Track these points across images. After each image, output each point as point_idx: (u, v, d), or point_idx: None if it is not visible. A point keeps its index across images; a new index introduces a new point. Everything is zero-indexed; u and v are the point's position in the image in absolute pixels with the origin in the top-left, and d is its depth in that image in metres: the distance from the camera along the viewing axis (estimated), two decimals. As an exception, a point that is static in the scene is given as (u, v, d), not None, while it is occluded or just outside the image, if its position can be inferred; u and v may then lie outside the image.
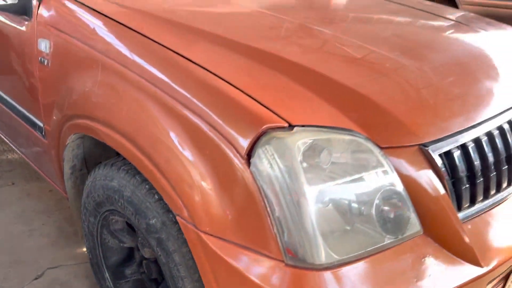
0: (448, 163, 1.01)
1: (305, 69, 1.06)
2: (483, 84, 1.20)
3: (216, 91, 0.96)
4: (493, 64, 1.30)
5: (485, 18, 1.78)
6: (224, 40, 1.16)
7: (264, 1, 1.55)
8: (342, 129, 0.92)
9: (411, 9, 1.68)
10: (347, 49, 1.20)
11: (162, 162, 1.00)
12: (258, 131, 0.87)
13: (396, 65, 1.14)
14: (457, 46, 1.35)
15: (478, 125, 1.08)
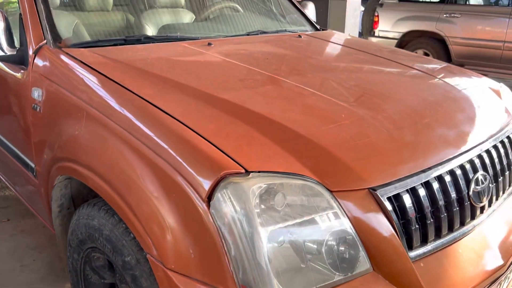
0: (397, 205, 1.10)
1: (266, 119, 1.17)
2: (435, 132, 1.30)
3: (182, 139, 1.07)
4: (448, 112, 1.40)
5: (450, 66, 1.90)
6: (195, 91, 1.28)
7: (239, 53, 1.69)
8: (295, 174, 1.02)
9: (379, 58, 1.80)
10: (307, 100, 1.32)
11: (134, 203, 1.10)
12: (217, 176, 0.97)
13: (351, 115, 1.24)
14: (414, 95, 1.46)
15: (428, 170, 1.17)
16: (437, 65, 1.87)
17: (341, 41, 2.16)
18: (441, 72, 1.73)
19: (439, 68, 1.81)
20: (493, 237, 1.34)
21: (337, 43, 2.07)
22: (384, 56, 1.85)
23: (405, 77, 1.68)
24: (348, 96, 1.37)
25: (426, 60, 1.97)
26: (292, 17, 2.51)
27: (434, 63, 1.90)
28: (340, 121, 1.21)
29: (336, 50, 1.95)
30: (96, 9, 2.02)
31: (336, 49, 1.98)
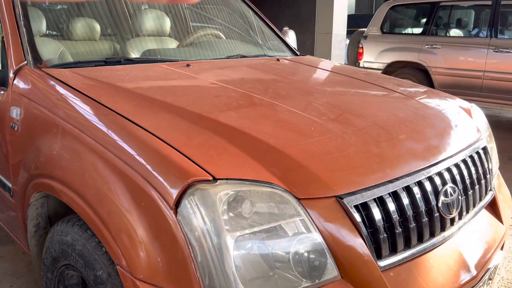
0: (365, 214, 1.12)
1: (238, 131, 1.20)
2: (403, 145, 1.34)
3: (152, 149, 1.09)
4: (416, 128, 1.45)
5: (422, 87, 1.97)
6: (170, 106, 1.32)
7: (216, 73, 1.74)
8: (263, 182, 1.04)
9: (352, 79, 1.87)
10: (280, 115, 1.36)
11: (105, 215, 1.10)
12: (185, 184, 0.99)
13: (321, 128, 1.28)
14: (384, 111, 1.51)
15: (395, 181, 1.20)
16: (409, 86, 1.93)
17: (317, 64, 2.23)
18: (412, 92, 1.79)
19: (411, 88, 1.88)
20: (465, 249, 1.36)
21: (313, 66, 2.14)
22: (358, 77, 1.91)
23: (376, 95, 1.73)
24: (319, 111, 1.41)
25: (398, 81, 2.03)
26: (272, 43, 2.59)
27: (407, 84, 1.97)
28: (310, 133, 1.24)
29: (311, 72, 2.02)
30: (84, 39, 2.08)
31: (311, 71, 2.04)
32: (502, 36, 5.97)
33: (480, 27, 6.71)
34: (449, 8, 6.75)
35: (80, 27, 2.05)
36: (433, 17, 6.54)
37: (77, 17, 2.11)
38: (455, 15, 7.03)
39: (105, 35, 2.22)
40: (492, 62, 5.75)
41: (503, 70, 5.67)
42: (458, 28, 6.75)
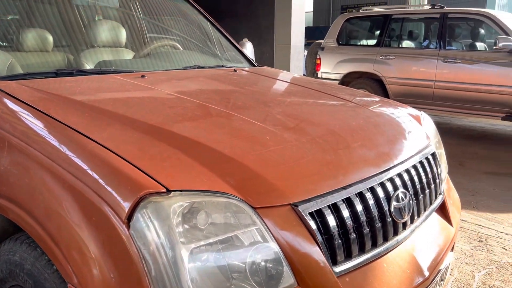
0: (320, 221, 1.14)
1: (192, 141, 1.19)
2: (356, 152, 1.38)
3: (103, 162, 1.06)
4: (368, 135, 1.49)
5: (374, 96, 2.04)
6: (122, 117, 1.29)
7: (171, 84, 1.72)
8: (217, 192, 1.03)
9: (307, 89, 1.90)
10: (235, 124, 1.36)
11: (54, 231, 1.06)
12: (137, 196, 0.97)
13: (276, 138, 1.30)
14: (337, 120, 1.55)
15: (348, 187, 1.23)
16: (362, 95, 1.99)
17: (273, 75, 2.26)
18: (364, 101, 1.84)
19: (364, 98, 1.94)
20: (417, 252, 1.40)
21: (270, 76, 2.17)
22: (312, 87, 1.95)
23: (330, 105, 1.77)
24: (275, 121, 1.43)
25: (351, 91, 2.10)
26: (230, 54, 2.60)
27: (359, 94, 2.03)
28: (265, 143, 1.25)
29: (268, 82, 2.04)
30: (35, 50, 2.01)
31: (268, 81, 2.07)
32: (450, 48, 6.29)
33: (430, 38, 7.04)
34: (401, 21, 7.05)
35: (31, 38, 1.98)
36: (386, 29, 6.80)
37: (28, 28, 2.04)
38: (406, 27, 7.35)
39: (58, 46, 2.16)
40: (441, 72, 6.04)
41: (451, 79, 5.96)
42: (410, 40, 7.05)
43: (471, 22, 6.41)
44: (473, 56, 5.89)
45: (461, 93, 5.86)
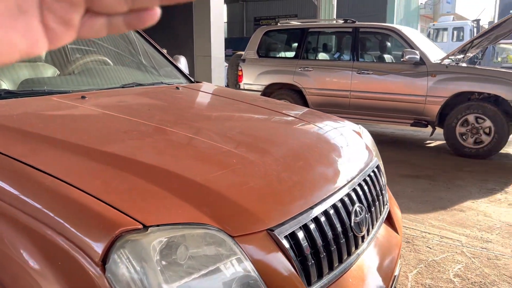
0: (294, 243, 1.14)
1: (158, 169, 1.13)
2: (316, 171, 1.41)
3: (66, 199, 0.96)
4: (323, 153, 1.54)
5: (317, 112, 2.11)
6: (75, 146, 1.18)
7: (118, 105, 1.62)
8: (195, 224, 0.99)
9: (256, 107, 1.91)
10: (199, 148, 1.32)
11: (9, 282, 0.93)
12: (112, 236, 0.89)
13: (243, 160, 1.28)
14: (293, 139, 1.58)
15: (315, 206, 1.25)
16: (307, 112, 2.05)
17: (218, 92, 2.23)
18: (311, 117, 1.90)
19: (308, 114, 1.99)
20: (374, 263, 1.47)
21: (216, 94, 2.14)
22: (260, 104, 1.97)
23: (282, 123, 1.80)
24: (237, 142, 1.41)
25: (296, 107, 2.15)
26: (166, 70, 2.53)
27: (305, 111, 2.09)
28: (233, 166, 1.23)
29: (216, 100, 2.01)
30: None
31: (216, 99, 2.04)
32: (363, 60, 6.74)
33: (344, 51, 7.49)
34: (317, 34, 7.41)
35: None
36: (303, 42, 7.10)
37: None
38: (322, 40, 7.74)
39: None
40: (356, 83, 6.45)
41: (365, 89, 6.40)
42: (326, 52, 7.44)
43: (380, 36, 6.94)
44: (384, 67, 6.37)
45: (374, 102, 6.31)
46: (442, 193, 4.19)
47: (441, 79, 5.81)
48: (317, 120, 1.88)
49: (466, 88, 5.67)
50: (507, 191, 4.29)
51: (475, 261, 2.75)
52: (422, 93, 5.91)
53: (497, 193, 4.22)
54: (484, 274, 2.58)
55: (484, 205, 3.86)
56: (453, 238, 3.10)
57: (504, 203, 3.91)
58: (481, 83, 5.60)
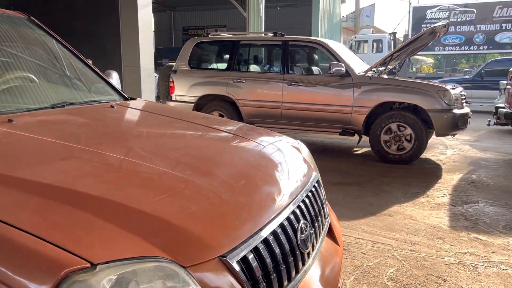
0: (245, 267, 1.13)
1: (101, 200, 1.07)
2: (263, 190, 1.42)
3: (2, 240, 0.88)
4: (268, 171, 1.55)
5: (257, 128, 2.13)
6: (5, 178, 1.08)
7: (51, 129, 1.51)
8: (146, 257, 0.95)
9: (198, 126, 1.89)
10: (141, 173, 1.27)
11: None
12: (57, 278, 0.82)
13: (188, 185, 1.25)
14: (238, 158, 1.58)
15: (264, 228, 1.26)
16: (247, 128, 2.06)
17: (156, 109, 2.17)
18: (252, 134, 1.91)
19: (249, 131, 2.01)
20: (319, 277, 1.50)
21: (154, 112, 2.08)
22: (201, 122, 1.94)
23: (224, 141, 1.79)
24: (182, 165, 1.38)
25: (235, 124, 2.15)
26: (97, 87, 2.41)
27: (244, 127, 2.10)
28: (182, 192, 1.20)
29: (155, 119, 1.95)
30: None
31: (155, 118, 1.98)
32: (293, 72, 6.95)
33: (275, 63, 7.67)
34: (248, 46, 7.51)
35: None
36: (235, 54, 7.16)
37: None
38: (253, 52, 7.86)
39: None
40: (287, 94, 6.62)
41: (296, 100, 6.60)
42: (257, 64, 7.57)
43: (307, 49, 7.21)
44: (312, 79, 6.62)
45: (304, 113, 6.52)
46: (371, 199, 4.42)
47: (366, 90, 6.16)
48: (258, 137, 1.90)
49: (388, 98, 6.06)
50: (429, 194, 4.63)
51: (406, 263, 2.93)
52: (349, 104, 6.22)
53: (420, 196, 4.54)
54: (414, 276, 2.76)
55: (409, 209, 4.12)
56: (385, 243, 3.27)
57: (426, 206, 4.21)
58: (401, 94, 6.02)
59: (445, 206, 4.23)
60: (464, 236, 3.42)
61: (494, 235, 3.45)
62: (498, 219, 3.84)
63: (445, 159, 6.52)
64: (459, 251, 3.13)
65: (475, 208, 4.16)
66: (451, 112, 5.83)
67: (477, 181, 5.19)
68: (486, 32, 19.33)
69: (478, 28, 19.45)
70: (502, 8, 19.03)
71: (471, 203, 4.31)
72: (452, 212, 4.03)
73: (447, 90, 5.90)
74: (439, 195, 4.61)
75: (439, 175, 5.54)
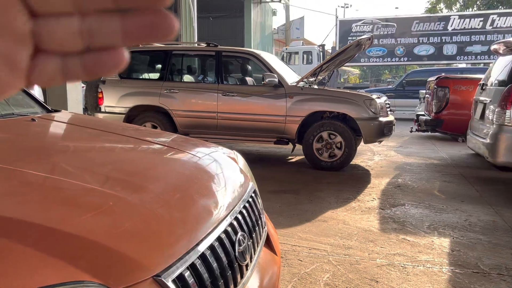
0: (181, 285, 1.09)
1: (21, 223, 0.97)
2: (199, 204, 1.38)
3: None
4: (203, 183, 1.52)
5: (192, 140, 2.09)
6: None
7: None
8: (72, 282, 0.87)
9: (127, 138, 1.81)
10: (67, 191, 1.18)
11: None
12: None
13: (118, 201, 1.18)
14: (171, 171, 1.53)
15: (200, 243, 1.22)
16: (181, 140, 2.01)
17: (82, 122, 2.05)
18: (186, 146, 1.86)
19: (183, 142, 1.96)
20: None
21: (79, 125, 1.96)
22: (131, 135, 1.86)
23: (157, 154, 1.73)
24: (111, 181, 1.30)
25: (168, 135, 2.09)
26: (16, 98, 2.24)
27: (178, 138, 2.04)
28: (108, 208, 1.13)
29: (81, 132, 1.83)
30: None
31: (81, 131, 1.86)
32: (227, 82, 6.97)
33: (209, 74, 7.65)
34: (181, 56, 7.43)
35: None
36: (167, 64, 7.04)
37: None
38: (187, 62, 7.78)
39: None
40: (222, 104, 6.62)
41: (231, 110, 6.61)
42: (191, 74, 7.49)
43: (240, 60, 7.27)
44: (247, 90, 6.68)
45: (240, 123, 6.55)
46: (306, 205, 4.52)
47: (298, 100, 6.32)
48: (193, 149, 1.85)
49: (319, 107, 6.27)
50: (359, 199, 4.83)
51: (341, 268, 3.01)
52: (282, 113, 6.35)
53: (352, 201, 4.72)
54: (349, 280, 2.84)
55: (342, 214, 4.27)
56: (320, 249, 3.35)
57: (358, 211, 4.38)
58: (331, 103, 6.26)
59: (375, 209, 4.43)
60: (393, 238, 3.60)
61: (420, 236, 3.66)
62: (423, 220, 4.09)
63: (373, 164, 6.86)
64: (389, 252, 3.29)
65: (402, 210, 4.40)
66: (377, 120, 6.15)
67: (403, 185, 5.50)
68: (406, 45, 20.77)
69: (398, 41, 20.84)
70: (419, 23, 20.59)
71: (398, 206, 4.55)
72: (382, 216, 4.23)
73: (373, 99, 6.23)
74: (369, 199, 4.83)
75: (368, 180, 5.81)
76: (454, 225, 3.93)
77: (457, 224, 3.96)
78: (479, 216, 4.21)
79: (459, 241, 3.53)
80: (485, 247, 3.40)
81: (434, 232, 3.75)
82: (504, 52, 5.68)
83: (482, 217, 4.17)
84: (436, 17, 21.63)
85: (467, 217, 4.16)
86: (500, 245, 3.45)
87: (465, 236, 3.66)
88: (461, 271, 2.96)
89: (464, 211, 4.37)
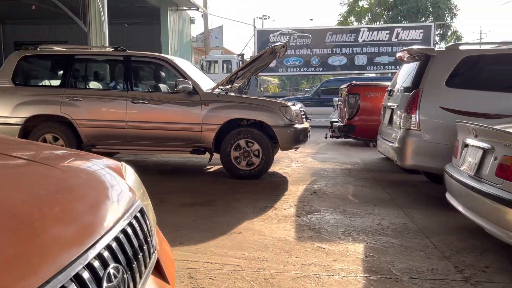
0: None
1: None
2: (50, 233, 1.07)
3: None
4: (64, 205, 1.21)
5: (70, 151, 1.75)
6: None
7: None
8: None
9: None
10: None
11: None
12: None
13: None
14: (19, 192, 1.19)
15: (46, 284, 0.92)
16: (49, 150, 1.66)
17: None
18: (52, 158, 1.53)
19: (52, 154, 1.61)
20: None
21: None
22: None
23: (7, 169, 1.37)
24: None
25: (36, 146, 1.73)
26: None
27: (45, 149, 1.69)
28: None
29: None
30: None
31: None
32: (137, 89, 6.54)
33: (117, 80, 7.13)
34: (85, 61, 6.86)
35: None
36: (70, 69, 6.45)
37: None
38: (92, 68, 7.21)
39: None
40: (132, 113, 6.18)
41: (142, 119, 6.19)
42: (97, 81, 6.94)
43: (152, 66, 6.90)
44: (159, 97, 6.32)
45: (153, 132, 6.16)
46: (222, 217, 4.28)
47: (214, 108, 6.10)
48: (61, 161, 1.52)
49: (235, 115, 6.10)
50: (276, 207, 4.70)
51: (254, 284, 2.80)
52: (198, 121, 6.07)
53: (268, 210, 4.57)
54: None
55: (258, 224, 4.09)
56: (234, 264, 3.12)
57: (274, 220, 4.23)
58: (247, 111, 6.12)
59: (291, 217, 4.32)
60: (309, 247, 3.48)
61: (335, 242, 3.59)
62: (337, 226, 4.05)
63: (290, 171, 6.84)
64: (305, 263, 3.15)
65: (318, 217, 4.34)
66: (292, 127, 6.12)
67: (319, 191, 5.50)
68: (321, 56, 21.58)
69: (314, 51, 21.59)
70: (332, 34, 21.52)
71: (314, 213, 4.49)
72: (298, 223, 4.13)
73: (288, 106, 6.19)
74: (285, 207, 4.72)
75: (285, 187, 5.73)
76: (367, 229, 3.93)
77: (370, 228, 3.97)
78: (390, 219, 4.28)
79: (372, 246, 3.51)
80: (397, 250, 3.41)
81: (349, 238, 3.70)
82: (408, 60, 5.95)
83: (394, 220, 4.23)
84: (348, 29, 22.77)
85: (379, 221, 4.20)
86: (411, 247, 3.49)
87: (378, 240, 3.65)
88: (374, 277, 2.90)
89: (377, 214, 4.42)
